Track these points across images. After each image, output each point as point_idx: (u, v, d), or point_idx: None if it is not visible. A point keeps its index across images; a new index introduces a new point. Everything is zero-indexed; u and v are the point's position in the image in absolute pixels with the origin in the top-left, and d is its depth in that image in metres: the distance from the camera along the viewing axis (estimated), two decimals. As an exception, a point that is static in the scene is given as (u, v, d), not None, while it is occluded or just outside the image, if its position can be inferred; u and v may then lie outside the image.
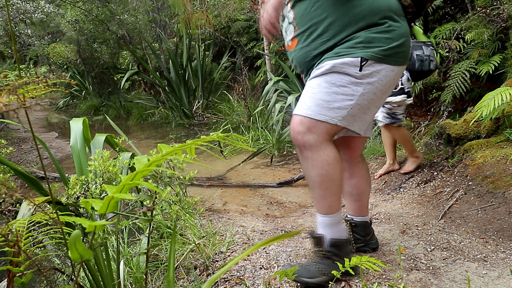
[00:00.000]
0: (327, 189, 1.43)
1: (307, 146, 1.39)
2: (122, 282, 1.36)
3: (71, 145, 1.31)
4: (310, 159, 1.40)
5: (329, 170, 1.40)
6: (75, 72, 11.20)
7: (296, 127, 1.41)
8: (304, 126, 1.38)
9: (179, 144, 0.63)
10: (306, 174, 1.46)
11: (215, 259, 1.80)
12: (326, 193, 1.44)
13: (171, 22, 8.52)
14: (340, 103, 1.37)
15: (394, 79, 1.43)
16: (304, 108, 1.41)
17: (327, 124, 1.38)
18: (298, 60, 1.52)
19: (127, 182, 0.61)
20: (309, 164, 1.41)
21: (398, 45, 1.39)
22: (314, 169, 1.41)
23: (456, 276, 1.50)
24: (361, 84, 1.37)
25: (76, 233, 0.64)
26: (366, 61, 1.36)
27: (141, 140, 6.25)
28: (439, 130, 3.25)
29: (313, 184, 1.45)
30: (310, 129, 1.38)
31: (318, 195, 1.45)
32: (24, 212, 1.03)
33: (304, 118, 1.39)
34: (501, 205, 2.16)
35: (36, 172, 3.91)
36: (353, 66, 1.36)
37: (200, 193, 3.33)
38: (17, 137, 6.81)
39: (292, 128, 1.42)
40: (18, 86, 0.60)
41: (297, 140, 1.40)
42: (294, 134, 1.41)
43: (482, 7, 3.51)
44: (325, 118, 1.37)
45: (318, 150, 1.38)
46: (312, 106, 1.39)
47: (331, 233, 1.47)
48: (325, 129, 1.39)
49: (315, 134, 1.38)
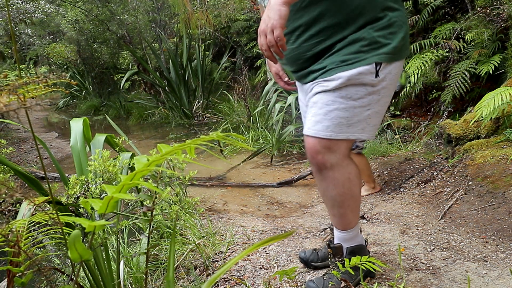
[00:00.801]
0: (348, 207, 1.37)
1: (328, 167, 1.30)
2: (122, 282, 1.36)
3: (71, 145, 1.31)
4: (331, 178, 1.32)
5: (351, 187, 1.34)
6: (75, 72, 11.20)
7: (314, 147, 1.30)
8: (323, 146, 1.29)
9: (179, 144, 0.63)
10: (324, 193, 1.38)
11: (215, 259, 1.80)
12: (346, 211, 1.38)
13: (171, 22, 8.52)
14: (359, 116, 1.29)
15: (399, 72, 1.37)
16: (322, 130, 1.29)
17: (348, 140, 1.31)
18: (289, 60, 1.42)
19: (126, 182, 0.61)
20: (330, 184, 1.33)
21: (402, 38, 1.30)
22: (336, 188, 1.33)
23: (456, 276, 1.50)
24: (377, 91, 1.29)
25: (76, 233, 0.64)
26: (380, 65, 1.26)
27: (141, 140, 6.25)
28: (439, 130, 3.25)
29: (333, 203, 1.38)
30: (331, 148, 1.29)
31: (338, 213, 1.39)
32: (24, 212, 1.03)
33: (323, 140, 1.29)
34: (501, 205, 2.16)
35: (36, 172, 3.91)
36: (369, 74, 1.26)
37: (200, 193, 3.33)
38: (17, 137, 6.81)
39: (310, 148, 1.32)
40: (18, 86, 0.60)
41: (317, 160, 1.30)
42: (313, 154, 1.31)
43: (482, 7, 3.51)
44: (347, 136, 1.29)
45: (340, 168, 1.31)
46: (331, 126, 1.28)
47: (349, 244, 1.45)
48: (346, 145, 1.32)
49: (336, 153, 1.29)
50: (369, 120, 1.31)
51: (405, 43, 1.33)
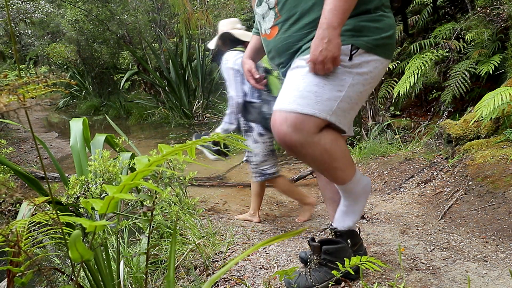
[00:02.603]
0: (336, 168, 1.32)
1: (298, 146, 1.24)
2: (122, 282, 1.36)
3: (71, 145, 1.31)
4: (306, 155, 1.27)
5: (332, 154, 1.28)
6: (75, 72, 11.21)
7: (280, 127, 1.23)
8: (289, 125, 1.21)
9: (180, 145, 0.63)
10: (309, 165, 1.38)
11: (215, 259, 1.80)
12: (336, 172, 1.33)
13: (171, 22, 8.53)
14: (329, 94, 1.23)
15: (380, 73, 1.34)
16: (288, 102, 1.24)
17: (316, 118, 1.22)
18: (279, 51, 1.37)
19: (127, 182, 0.61)
20: (308, 159, 1.29)
21: (387, 36, 1.29)
22: (315, 161, 1.29)
23: (456, 276, 1.50)
24: (350, 73, 1.25)
25: (77, 233, 0.64)
26: (357, 49, 1.24)
27: (141, 140, 6.25)
28: (439, 130, 3.25)
29: (320, 171, 1.38)
30: (297, 127, 1.21)
31: (329, 175, 1.36)
32: (24, 212, 1.03)
33: (289, 114, 1.22)
34: (501, 205, 2.16)
35: (36, 172, 3.91)
36: (342, 55, 1.22)
37: (200, 193, 3.33)
38: (17, 137, 6.81)
39: (276, 130, 1.24)
40: (18, 86, 0.60)
41: (285, 142, 1.24)
42: (280, 136, 1.24)
43: (482, 7, 3.52)
44: (313, 112, 1.21)
45: (312, 145, 1.24)
46: (297, 99, 1.23)
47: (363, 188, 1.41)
48: (313, 124, 1.23)
49: (304, 131, 1.22)
50: (340, 104, 1.24)
51: (390, 43, 1.31)
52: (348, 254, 1.43)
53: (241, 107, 2.31)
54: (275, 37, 1.37)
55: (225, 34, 2.45)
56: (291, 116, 1.22)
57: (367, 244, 1.85)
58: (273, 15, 1.35)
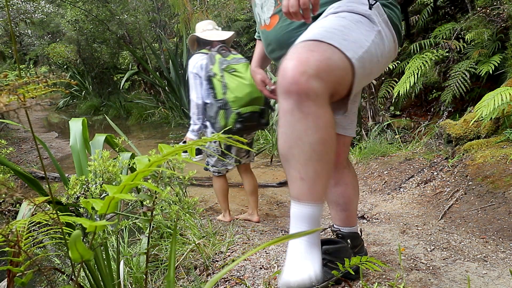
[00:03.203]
0: (325, 165, 1.00)
1: (311, 96, 0.94)
2: (122, 282, 1.36)
3: (71, 145, 1.31)
4: (314, 116, 0.96)
5: (332, 135, 1.00)
6: (75, 72, 11.21)
7: (300, 66, 0.94)
8: (311, 66, 0.94)
9: (180, 145, 0.63)
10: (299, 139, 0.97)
11: (215, 259, 1.80)
12: (322, 171, 1.00)
13: (171, 22, 8.53)
14: (355, 36, 1.05)
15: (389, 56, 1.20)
16: (310, 37, 1.01)
17: (340, 65, 1.00)
18: (279, 41, 1.25)
19: (127, 182, 0.61)
20: (312, 123, 0.96)
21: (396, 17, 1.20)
22: (318, 130, 0.97)
23: (456, 276, 1.50)
24: (373, 28, 1.11)
25: (77, 233, 0.64)
26: (375, 2, 1.12)
27: (141, 140, 6.25)
28: (439, 130, 3.25)
29: (310, 154, 0.98)
30: (319, 73, 0.94)
31: (312, 172, 0.98)
32: (24, 212, 1.03)
33: (313, 44, 0.99)
34: (501, 205, 2.16)
35: (36, 172, 3.91)
36: (360, 4, 1.11)
37: (200, 193, 3.33)
38: (17, 137, 6.81)
39: (292, 68, 0.95)
40: (18, 86, 0.60)
41: (300, 84, 0.93)
42: (296, 75, 0.94)
43: (482, 7, 3.52)
44: (340, 46, 1.00)
45: (324, 105, 0.97)
46: (323, 32, 1.02)
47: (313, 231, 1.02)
48: (335, 78, 1.00)
49: (323, 81, 0.95)
50: (365, 54, 1.06)
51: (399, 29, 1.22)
52: (348, 254, 1.42)
53: (202, 108, 2.38)
54: (275, 27, 1.25)
55: (192, 37, 2.53)
56: (316, 46, 0.98)
57: (367, 244, 1.85)
58: (272, 3, 1.25)
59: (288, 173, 1.03)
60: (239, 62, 2.31)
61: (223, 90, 2.28)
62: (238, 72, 2.29)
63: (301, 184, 1.00)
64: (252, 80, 2.25)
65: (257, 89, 2.23)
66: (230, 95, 2.27)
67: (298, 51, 0.98)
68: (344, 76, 1.03)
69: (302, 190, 1.01)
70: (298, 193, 1.01)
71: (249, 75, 2.27)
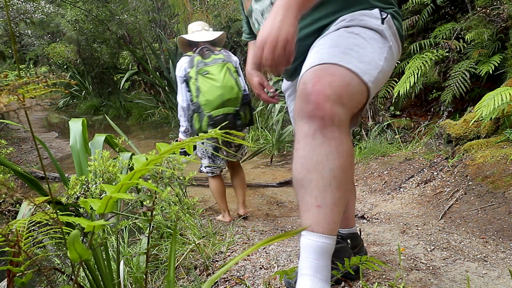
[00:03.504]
0: (344, 193, 0.96)
1: (335, 121, 0.92)
2: (122, 282, 1.36)
3: (71, 145, 1.31)
4: (337, 141, 0.93)
5: (352, 163, 0.99)
6: (75, 72, 11.22)
7: (323, 90, 0.92)
8: (334, 92, 0.93)
9: (178, 142, 0.63)
10: (319, 165, 0.93)
11: (215, 259, 1.80)
12: (341, 197, 0.96)
13: (171, 22, 8.52)
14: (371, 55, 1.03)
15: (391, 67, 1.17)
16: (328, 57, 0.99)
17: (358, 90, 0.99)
18: None
19: (125, 182, 0.61)
20: (334, 149, 0.93)
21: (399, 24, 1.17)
22: (339, 157, 0.93)
23: (456, 276, 1.50)
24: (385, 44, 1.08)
25: (75, 233, 0.64)
26: (387, 16, 1.09)
27: (141, 140, 6.25)
28: (439, 130, 3.25)
29: (329, 180, 0.93)
30: (342, 98, 0.93)
31: (331, 200, 0.94)
32: (24, 212, 1.03)
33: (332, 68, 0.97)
34: (501, 205, 2.16)
35: (36, 172, 3.91)
36: (373, 18, 1.08)
37: (200, 193, 3.33)
38: (17, 137, 6.81)
39: (317, 93, 0.93)
40: (18, 86, 0.60)
41: (324, 110, 0.91)
42: (320, 100, 0.92)
43: (482, 7, 3.51)
44: (358, 71, 0.98)
45: (346, 132, 0.95)
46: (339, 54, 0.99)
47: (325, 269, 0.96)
48: (355, 103, 1.00)
49: (346, 106, 0.94)
50: (379, 74, 1.04)
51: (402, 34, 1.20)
52: (348, 254, 1.42)
53: (187, 110, 2.43)
54: None
55: (179, 39, 2.55)
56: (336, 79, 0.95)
57: (367, 244, 1.85)
58: None
59: (302, 200, 0.97)
60: (216, 63, 2.31)
61: (196, 93, 2.31)
62: (211, 74, 2.30)
63: (317, 212, 0.95)
64: (224, 82, 2.28)
65: (230, 91, 2.29)
66: (202, 98, 2.28)
67: (318, 74, 0.96)
68: (361, 99, 1.03)
69: (318, 219, 0.95)
70: (312, 222, 0.95)
71: (222, 76, 2.29)
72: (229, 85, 2.28)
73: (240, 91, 2.34)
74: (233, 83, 2.30)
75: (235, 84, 2.31)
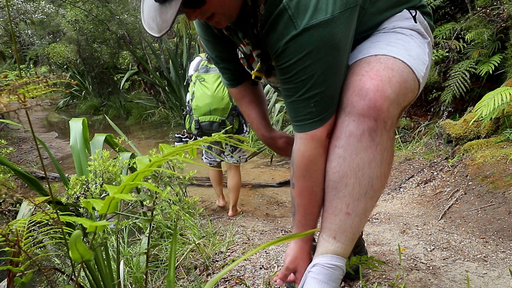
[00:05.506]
0: (374, 203, 0.91)
1: (388, 124, 0.85)
2: (122, 282, 1.36)
3: (71, 145, 1.31)
4: (381, 147, 0.85)
5: (389, 173, 0.92)
6: (75, 72, 11.21)
7: (382, 84, 0.83)
8: (394, 89, 0.84)
9: (181, 145, 0.63)
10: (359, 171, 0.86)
11: (215, 259, 1.80)
12: (371, 208, 0.91)
13: (171, 22, 8.51)
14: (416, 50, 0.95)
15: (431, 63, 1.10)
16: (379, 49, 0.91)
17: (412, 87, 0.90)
18: None
19: (128, 183, 0.61)
20: (378, 155, 0.85)
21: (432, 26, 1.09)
22: (382, 164, 0.86)
23: (456, 276, 1.50)
24: (424, 40, 1.01)
25: (77, 233, 0.64)
26: (416, 13, 1.01)
27: (141, 140, 6.25)
28: (439, 130, 3.25)
29: (366, 188, 0.87)
30: (399, 98, 0.85)
31: (362, 210, 0.88)
32: (24, 212, 1.03)
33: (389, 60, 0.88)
34: (501, 205, 2.16)
35: (36, 172, 3.91)
36: (404, 20, 0.99)
37: (200, 193, 3.33)
38: (17, 137, 6.81)
39: (374, 87, 0.83)
40: (18, 86, 0.60)
41: (380, 109, 0.83)
42: (378, 98, 0.83)
43: (482, 7, 3.52)
44: (411, 65, 0.90)
45: (392, 138, 0.89)
46: (386, 46, 0.92)
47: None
48: (408, 102, 0.92)
49: (400, 107, 0.88)
50: (426, 71, 0.96)
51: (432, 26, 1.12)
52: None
53: None
54: None
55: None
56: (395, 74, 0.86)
57: (367, 244, 1.85)
58: None
59: (330, 202, 0.91)
60: (215, 71, 2.42)
61: (192, 96, 2.47)
62: (206, 82, 2.42)
63: (345, 219, 0.89)
64: (215, 92, 2.41)
65: (219, 101, 2.41)
66: (194, 103, 2.44)
67: (376, 67, 0.86)
68: (412, 97, 0.93)
69: (344, 227, 0.89)
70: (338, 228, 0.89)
71: (215, 86, 2.40)
72: (219, 95, 2.39)
73: (231, 102, 2.45)
74: (225, 94, 2.41)
75: (227, 95, 2.42)
